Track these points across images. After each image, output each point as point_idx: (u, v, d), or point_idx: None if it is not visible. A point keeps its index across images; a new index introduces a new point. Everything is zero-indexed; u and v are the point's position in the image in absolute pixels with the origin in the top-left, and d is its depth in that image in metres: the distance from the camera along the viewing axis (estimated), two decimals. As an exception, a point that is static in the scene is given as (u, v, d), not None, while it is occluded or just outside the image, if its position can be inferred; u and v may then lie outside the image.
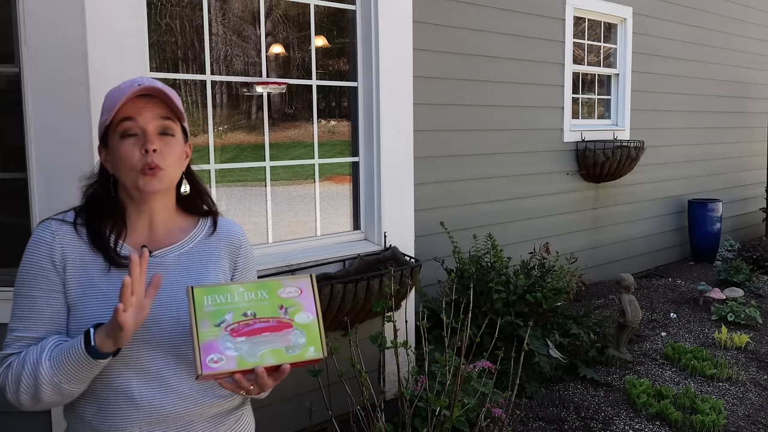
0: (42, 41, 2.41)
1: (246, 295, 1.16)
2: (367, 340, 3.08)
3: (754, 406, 3.82)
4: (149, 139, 1.28)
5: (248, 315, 1.14)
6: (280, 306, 1.17)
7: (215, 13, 2.99)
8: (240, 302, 1.15)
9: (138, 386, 1.26)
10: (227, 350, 1.12)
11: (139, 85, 1.28)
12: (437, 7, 4.59)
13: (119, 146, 1.28)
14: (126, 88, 1.28)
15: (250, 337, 1.13)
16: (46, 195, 2.46)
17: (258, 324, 1.14)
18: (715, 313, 5.30)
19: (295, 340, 1.15)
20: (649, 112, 6.67)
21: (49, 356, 1.21)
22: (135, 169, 1.28)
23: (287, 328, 1.15)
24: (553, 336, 4.02)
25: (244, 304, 1.15)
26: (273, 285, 1.18)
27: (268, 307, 1.16)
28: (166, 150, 1.30)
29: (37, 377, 1.20)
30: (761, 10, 8.21)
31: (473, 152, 4.97)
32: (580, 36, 5.98)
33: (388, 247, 3.44)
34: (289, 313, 1.17)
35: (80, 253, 1.30)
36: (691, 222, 7.29)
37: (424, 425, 2.90)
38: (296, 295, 1.19)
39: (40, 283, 1.27)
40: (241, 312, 1.14)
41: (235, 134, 3.13)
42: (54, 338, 1.25)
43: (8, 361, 1.26)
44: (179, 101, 1.34)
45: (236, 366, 1.12)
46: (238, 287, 1.16)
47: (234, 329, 1.13)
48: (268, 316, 1.15)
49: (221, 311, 1.13)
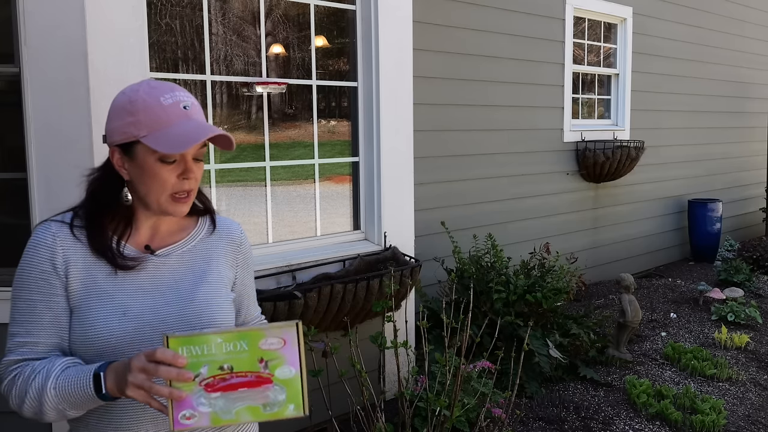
0: (42, 41, 2.41)
1: (224, 347, 1.09)
2: (367, 340, 3.08)
3: (754, 406, 3.82)
4: (190, 168, 1.28)
5: (225, 368, 1.08)
6: (260, 359, 1.10)
7: (215, 13, 2.99)
8: (217, 354, 1.09)
9: None
10: (201, 406, 1.08)
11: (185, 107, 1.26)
12: (437, 7, 4.59)
13: (156, 168, 1.25)
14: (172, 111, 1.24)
15: (225, 392, 1.08)
16: (46, 195, 2.46)
17: (235, 379, 1.09)
18: (715, 313, 5.30)
19: (274, 396, 1.10)
20: (649, 112, 6.67)
21: (54, 384, 1.19)
22: (166, 193, 1.28)
23: (266, 384, 1.09)
24: (553, 336, 4.02)
25: (222, 357, 1.09)
26: (254, 335, 1.11)
27: (247, 360, 1.09)
28: (197, 174, 1.31)
29: (41, 403, 1.20)
30: (761, 10, 8.21)
31: (473, 152, 4.97)
32: (580, 36, 5.98)
33: (388, 247, 3.44)
34: (269, 366, 1.10)
35: (83, 254, 1.29)
36: (691, 222, 7.29)
37: (424, 425, 2.90)
38: (279, 347, 1.11)
39: (40, 287, 1.26)
40: (217, 365, 1.08)
41: (235, 134, 3.13)
42: (60, 363, 1.22)
43: (13, 372, 1.25)
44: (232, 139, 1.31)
45: (209, 423, 1.08)
46: (216, 338, 1.09)
47: (209, 384, 1.08)
48: (247, 370, 1.09)
49: (197, 364, 1.08)
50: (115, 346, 1.24)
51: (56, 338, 1.27)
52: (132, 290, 1.29)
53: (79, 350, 1.27)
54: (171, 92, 1.27)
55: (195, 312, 1.32)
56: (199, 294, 1.34)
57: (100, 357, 1.25)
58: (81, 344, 1.26)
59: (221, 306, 1.37)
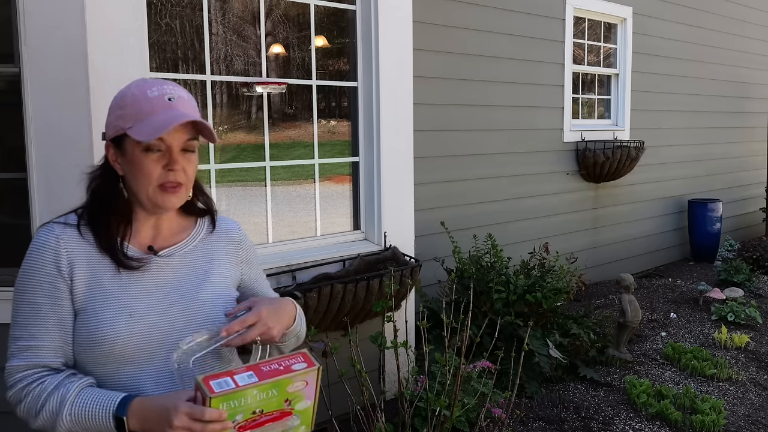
0: (42, 41, 2.41)
1: (258, 396, 1.17)
2: (367, 340, 3.08)
3: (754, 406, 3.82)
4: (175, 159, 1.27)
5: (257, 413, 1.17)
6: (286, 399, 1.20)
7: (215, 13, 2.99)
8: (252, 403, 1.17)
9: (153, 388, 1.26)
10: None
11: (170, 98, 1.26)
12: (437, 7, 4.59)
13: (141, 159, 1.26)
14: (156, 102, 1.25)
15: (253, 430, 1.18)
16: (46, 195, 2.46)
17: (263, 418, 1.18)
18: (715, 313, 5.30)
19: (292, 423, 1.22)
20: (649, 112, 6.67)
21: (70, 411, 1.19)
22: (153, 184, 1.27)
23: (287, 416, 1.21)
24: (553, 336, 4.02)
25: (255, 404, 1.17)
26: (284, 383, 1.20)
27: (275, 402, 1.19)
28: (187, 166, 1.30)
29: (55, 426, 1.21)
30: (761, 10, 8.21)
31: (473, 152, 4.97)
32: (580, 36, 5.98)
33: (388, 247, 3.44)
34: (292, 404, 1.21)
35: (87, 256, 1.28)
36: (691, 222, 7.29)
37: (424, 425, 2.90)
38: (302, 388, 1.22)
39: (44, 290, 1.25)
40: (250, 411, 1.16)
41: (235, 134, 3.13)
42: (75, 387, 1.22)
43: (21, 383, 1.24)
44: (210, 128, 1.31)
45: None
46: (252, 390, 1.16)
47: (241, 426, 1.16)
48: (274, 409, 1.19)
49: (233, 413, 1.15)
50: (121, 347, 1.24)
51: (60, 341, 1.26)
52: (137, 291, 1.29)
53: (84, 353, 1.26)
54: (159, 86, 1.28)
55: (199, 312, 1.32)
56: (203, 294, 1.34)
57: (106, 359, 1.25)
58: (87, 347, 1.25)
59: (225, 306, 1.37)
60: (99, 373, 1.27)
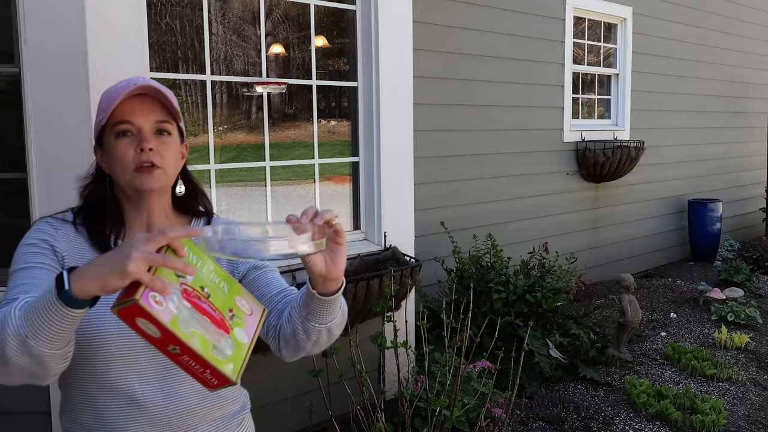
0: (42, 41, 2.41)
1: (212, 275, 1.13)
2: (367, 340, 3.08)
3: (754, 406, 3.83)
4: (145, 138, 1.28)
5: (204, 291, 1.10)
6: (230, 309, 1.14)
7: (215, 13, 2.99)
8: (205, 276, 1.11)
9: (141, 387, 1.25)
10: (170, 302, 1.04)
11: (135, 84, 1.27)
12: (437, 7, 4.59)
13: (114, 146, 1.28)
14: (122, 88, 1.28)
15: (194, 309, 1.08)
16: (46, 195, 2.46)
17: (207, 306, 1.10)
18: (715, 313, 5.30)
19: (224, 346, 1.11)
20: (649, 112, 6.67)
21: (21, 305, 1.07)
22: (129, 168, 1.27)
23: (224, 331, 1.12)
24: (553, 336, 4.02)
25: (207, 281, 1.11)
26: (235, 288, 1.17)
27: (222, 300, 1.13)
28: (162, 149, 1.30)
29: (3, 328, 1.05)
30: (761, 10, 8.21)
31: (473, 152, 4.97)
32: (580, 36, 5.98)
33: (388, 247, 3.44)
34: (233, 321, 1.14)
35: (81, 250, 1.29)
36: (691, 222, 7.29)
37: (424, 425, 2.90)
38: (246, 312, 1.17)
39: (39, 258, 1.24)
40: (200, 283, 1.10)
41: (235, 134, 3.13)
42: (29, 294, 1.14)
43: None
44: (175, 101, 1.33)
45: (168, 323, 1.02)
46: (210, 263, 1.13)
47: (187, 291, 1.07)
48: (218, 307, 1.12)
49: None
50: (109, 344, 1.24)
51: None
52: None
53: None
54: (134, 79, 1.30)
55: None
56: None
57: (95, 356, 1.24)
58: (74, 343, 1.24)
59: None
60: (86, 371, 1.26)
